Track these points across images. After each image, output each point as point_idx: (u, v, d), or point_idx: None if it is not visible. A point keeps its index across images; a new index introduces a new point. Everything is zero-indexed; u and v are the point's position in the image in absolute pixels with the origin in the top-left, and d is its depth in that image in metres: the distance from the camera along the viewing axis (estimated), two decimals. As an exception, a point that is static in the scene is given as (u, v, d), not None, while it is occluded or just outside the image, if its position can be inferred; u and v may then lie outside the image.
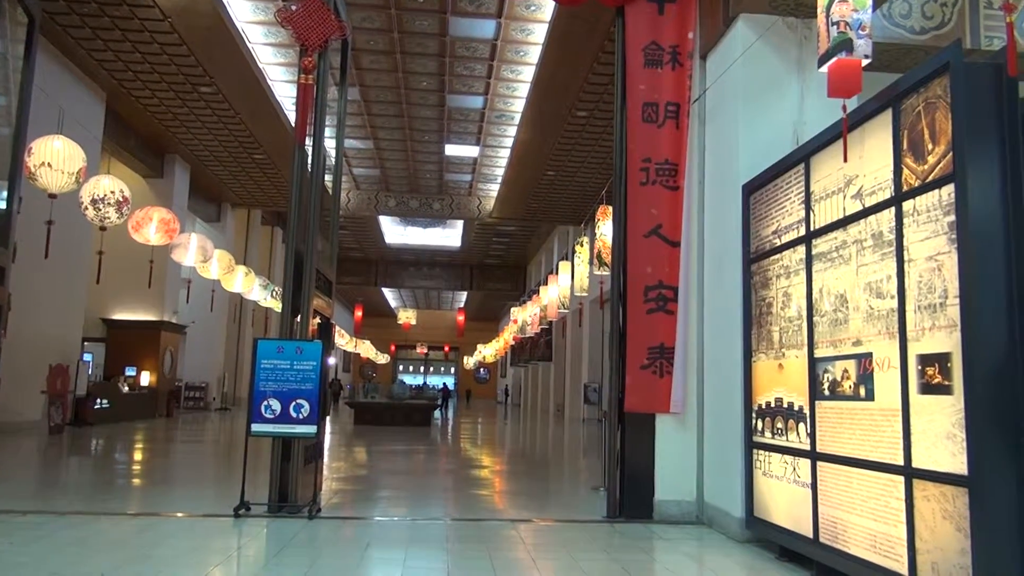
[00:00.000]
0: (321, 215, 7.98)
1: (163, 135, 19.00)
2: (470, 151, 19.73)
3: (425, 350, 59.16)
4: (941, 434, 3.91)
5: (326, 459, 10.77)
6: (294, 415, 6.78)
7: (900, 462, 4.20)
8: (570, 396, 28.92)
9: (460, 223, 28.04)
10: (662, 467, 7.15)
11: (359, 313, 42.04)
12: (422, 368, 61.53)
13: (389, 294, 46.87)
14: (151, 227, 12.34)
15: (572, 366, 28.86)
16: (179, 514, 6.90)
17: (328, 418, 18.32)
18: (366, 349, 47.93)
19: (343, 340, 39.37)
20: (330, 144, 9.99)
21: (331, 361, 8.39)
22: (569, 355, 29.22)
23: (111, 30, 13.40)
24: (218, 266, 16.60)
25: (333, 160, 9.43)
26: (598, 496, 8.22)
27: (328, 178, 10.57)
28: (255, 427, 6.78)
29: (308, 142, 7.57)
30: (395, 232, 30.39)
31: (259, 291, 20.58)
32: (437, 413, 28.06)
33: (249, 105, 16.63)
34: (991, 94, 3.93)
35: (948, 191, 3.93)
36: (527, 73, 14.94)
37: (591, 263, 13.92)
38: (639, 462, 7.18)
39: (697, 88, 7.53)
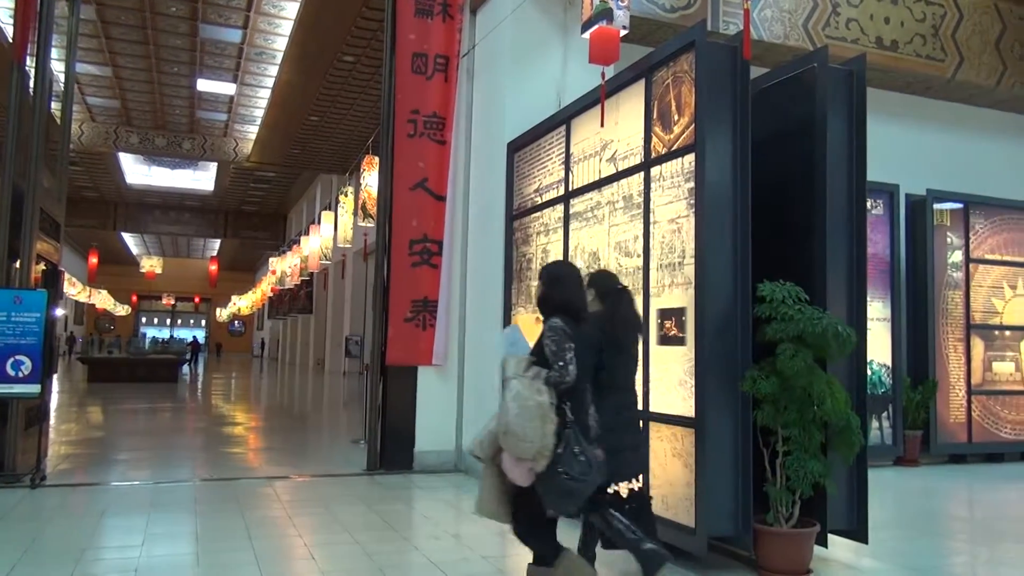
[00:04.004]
0: (47, 147, 7.02)
1: None
2: (226, 88, 18.31)
3: (172, 301, 54.95)
4: (675, 381, 4.32)
5: (53, 421, 9.69)
6: (12, 373, 5.97)
7: (640, 407, 4.59)
8: (331, 349, 28.41)
9: (214, 166, 26.06)
10: (423, 418, 7.25)
11: (94, 260, 37.88)
12: (169, 320, 57.21)
13: (130, 239, 42.72)
14: None
15: (334, 319, 28.33)
16: None
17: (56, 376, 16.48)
18: (103, 300, 43.53)
19: (74, 289, 35.41)
20: (58, 67, 8.77)
21: (59, 312, 7.49)
22: (331, 308, 28.64)
23: None
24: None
25: (62, 86, 8.29)
26: (358, 449, 8.18)
27: (56, 106, 9.33)
28: (-39, 388, 5.88)
29: (30, 62, 6.59)
30: (138, 172, 27.59)
31: (-33, 232, 17.79)
32: (186, 368, 26.38)
33: (-49, 12, 14.10)
34: (728, 74, 4.32)
35: (689, 160, 4.29)
36: (291, 9, 14.09)
37: (355, 214, 13.63)
38: (400, 414, 7.23)
39: (467, 42, 7.54)
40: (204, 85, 18.14)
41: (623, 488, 3.75)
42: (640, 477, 3.89)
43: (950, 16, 8.99)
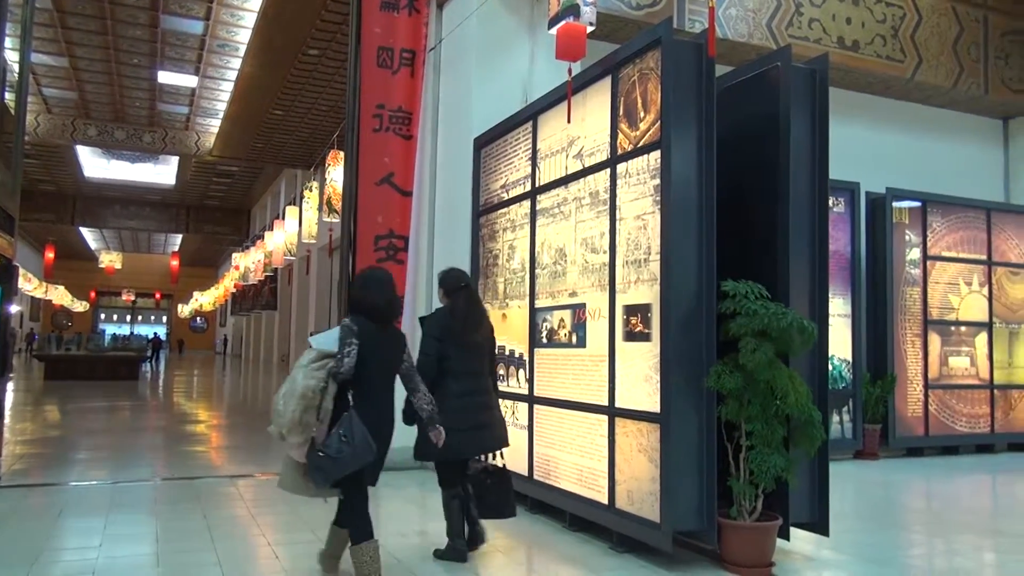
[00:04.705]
0: (1, 139, 6.84)
1: None
2: (188, 80, 17.98)
3: (132, 297, 53.93)
4: (640, 377, 4.34)
5: (8, 420, 9.46)
6: (-36, 371, 5.81)
7: (605, 403, 4.62)
8: (295, 346, 28.07)
9: (175, 160, 25.61)
10: (389, 415, 7.20)
11: (51, 255, 36.99)
12: (129, 317, 56.15)
13: (89, 234, 41.80)
14: None
15: (298, 315, 28.03)
16: None
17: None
18: (60, 296, 42.56)
19: (30, 285, 34.58)
20: (12, 57, 8.56)
21: (13, 308, 7.31)
22: (295, 304, 28.33)
23: None
24: None
25: (17, 76, 8.08)
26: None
27: (10, 97, 9.10)
28: (-90, 386, 5.71)
29: (-19, 51, 6.42)
30: (97, 165, 26.99)
31: (-84, 225, 17.26)
32: (146, 365, 25.94)
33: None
34: (694, 71, 4.35)
35: (655, 156, 4.31)
36: (254, 1, 13.89)
37: (320, 209, 13.50)
38: (366, 411, 7.16)
39: (433, 37, 7.50)
40: (165, 77, 17.81)
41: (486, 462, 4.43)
42: (502, 454, 4.48)
43: (909, 18, 9.16)
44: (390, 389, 3.87)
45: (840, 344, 8.06)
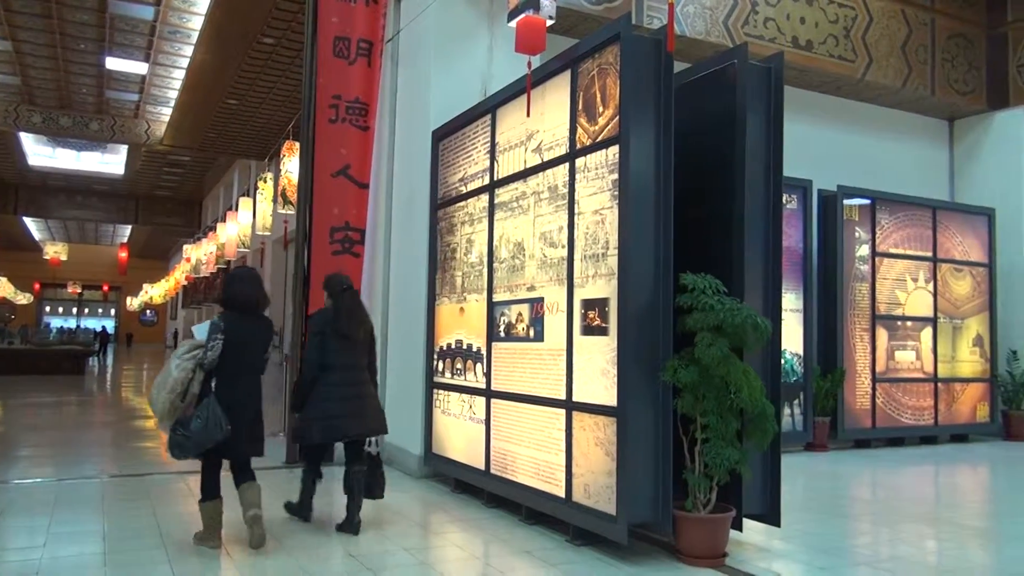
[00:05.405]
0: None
1: None
2: (137, 67, 17.50)
3: (79, 289, 52.50)
4: (597, 371, 4.36)
5: (-54, 416, 9.15)
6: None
7: (563, 397, 4.63)
8: (249, 339, 27.65)
9: (124, 149, 24.96)
10: (344, 409, 7.12)
11: (-8, 246, 35.87)
12: (75, 310, 54.65)
13: (32, 224, 40.57)
14: None
15: (252, 308, 27.58)
16: None
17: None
18: (2, 287, 41.28)
19: (-29, 276, 33.46)
20: (-49, 39, 8.27)
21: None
22: (249, 297, 27.89)
23: None
24: None
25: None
26: (277, 442, 7.98)
27: (-52, 80, 8.79)
28: None
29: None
30: (41, 153, 26.19)
31: None
32: (93, 360, 25.31)
33: None
34: (652, 66, 4.37)
35: (614, 151, 4.33)
36: (207, -12, 13.57)
37: (275, 201, 13.30)
38: (321, 405, 7.08)
39: (391, 28, 7.42)
40: (113, 63, 17.32)
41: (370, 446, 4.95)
42: (376, 441, 5.01)
43: (861, 19, 9.35)
44: (256, 376, 4.46)
45: (792, 338, 8.21)
